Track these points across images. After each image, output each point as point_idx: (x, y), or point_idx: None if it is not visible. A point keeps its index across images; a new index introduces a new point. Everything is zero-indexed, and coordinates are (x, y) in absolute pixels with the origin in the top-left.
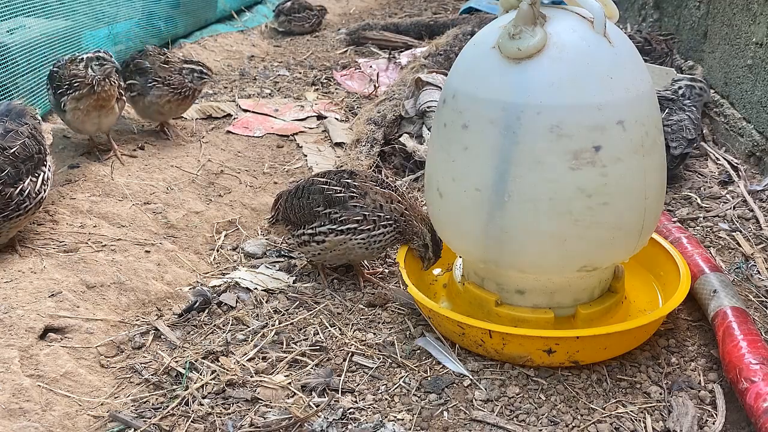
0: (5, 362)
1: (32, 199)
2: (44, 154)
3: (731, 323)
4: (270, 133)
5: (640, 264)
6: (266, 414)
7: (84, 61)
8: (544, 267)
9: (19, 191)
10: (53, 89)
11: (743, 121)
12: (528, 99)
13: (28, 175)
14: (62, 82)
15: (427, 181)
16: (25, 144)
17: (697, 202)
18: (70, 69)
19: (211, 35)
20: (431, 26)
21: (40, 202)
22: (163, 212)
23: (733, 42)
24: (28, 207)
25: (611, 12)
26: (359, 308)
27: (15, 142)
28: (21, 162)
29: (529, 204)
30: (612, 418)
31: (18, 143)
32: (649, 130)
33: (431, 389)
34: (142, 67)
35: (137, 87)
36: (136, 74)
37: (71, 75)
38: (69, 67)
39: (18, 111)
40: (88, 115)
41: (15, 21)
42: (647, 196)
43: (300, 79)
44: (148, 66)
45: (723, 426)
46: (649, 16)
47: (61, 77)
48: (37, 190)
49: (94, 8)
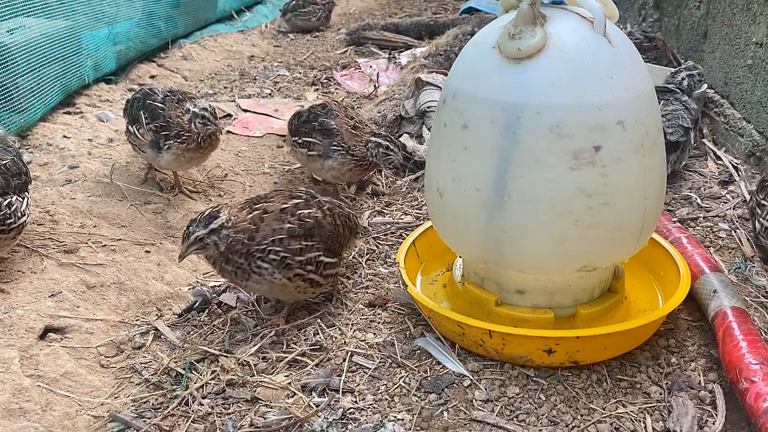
0: (5, 362)
1: (17, 218)
2: (28, 178)
3: (731, 323)
4: (270, 133)
5: (640, 264)
6: (266, 414)
7: (189, 114)
8: (544, 267)
9: (7, 203)
10: (156, 127)
11: (743, 121)
12: (528, 99)
13: (16, 191)
14: (169, 128)
15: (427, 181)
16: (14, 160)
17: (697, 202)
18: (176, 115)
19: (211, 35)
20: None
21: (21, 228)
22: (163, 212)
23: (733, 42)
24: (11, 226)
25: (611, 12)
26: (359, 308)
27: (6, 155)
28: (11, 176)
29: (529, 204)
30: (612, 418)
31: (9, 157)
32: (649, 130)
33: (431, 389)
34: (327, 128)
35: (318, 147)
36: (318, 133)
37: (177, 124)
38: (175, 112)
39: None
40: (183, 162)
41: (15, 21)
42: (647, 196)
43: (300, 79)
44: (335, 128)
45: (723, 426)
46: (649, 16)
47: (167, 121)
48: (23, 210)
49: (94, 8)
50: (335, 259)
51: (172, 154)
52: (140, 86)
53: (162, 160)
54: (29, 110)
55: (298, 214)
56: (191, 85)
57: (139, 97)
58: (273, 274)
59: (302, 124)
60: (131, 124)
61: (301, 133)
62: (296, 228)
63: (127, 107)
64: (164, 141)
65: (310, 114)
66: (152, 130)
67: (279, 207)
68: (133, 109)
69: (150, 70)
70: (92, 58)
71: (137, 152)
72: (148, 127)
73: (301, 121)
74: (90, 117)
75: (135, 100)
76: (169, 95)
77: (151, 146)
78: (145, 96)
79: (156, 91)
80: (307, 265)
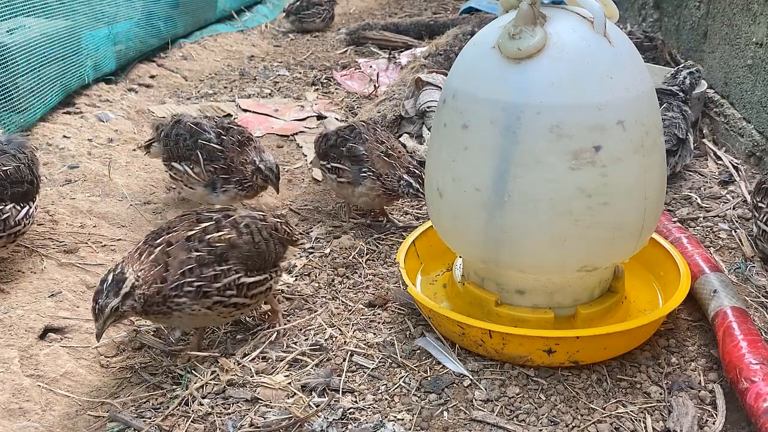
0: (5, 362)
1: (8, 227)
2: (36, 188)
3: (731, 323)
4: (270, 133)
5: (640, 264)
6: (266, 414)
7: (254, 167)
8: (544, 267)
9: None
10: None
11: (743, 121)
12: (528, 99)
13: (13, 200)
14: (230, 172)
15: (427, 181)
16: (19, 168)
17: (697, 202)
18: (239, 161)
19: (211, 35)
20: (431, 26)
21: (15, 236)
22: (163, 212)
23: (733, 42)
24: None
25: (611, 12)
26: (359, 308)
27: (11, 162)
28: (9, 183)
29: (529, 204)
30: (612, 418)
31: (12, 165)
32: (649, 130)
33: (431, 389)
34: (356, 155)
35: (347, 174)
36: (347, 159)
37: (239, 171)
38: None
39: (19, 142)
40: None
41: (15, 21)
42: (647, 196)
43: (300, 79)
44: (364, 154)
45: (723, 426)
46: (649, 16)
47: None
48: (17, 220)
49: (93, 8)
50: (263, 276)
51: (227, 196)
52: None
53: (215, 200)
54: (29, 110)
55: (206, 240)
56: (191, 85)
57: (183, 133)
58: (192, 306)
59: (330, 148)
60: (177, 161)
61: (329, 157)
62: (205, 255)
63: (165, 141)
64: (222, 184)
65: (338, 138)
66: (211, 171)
67: (185, 235)
68: (180, 146)
69: (150, 70)
70: (92, 58)
71: (179, 187)
72: (206, 168)
73: (329, 145)
74: (90, 117)
75: (179, 136)
76: (222, 133)
77: (205, 186)
78: (192, 133)
79: (205, 128)
80: (226, 291)
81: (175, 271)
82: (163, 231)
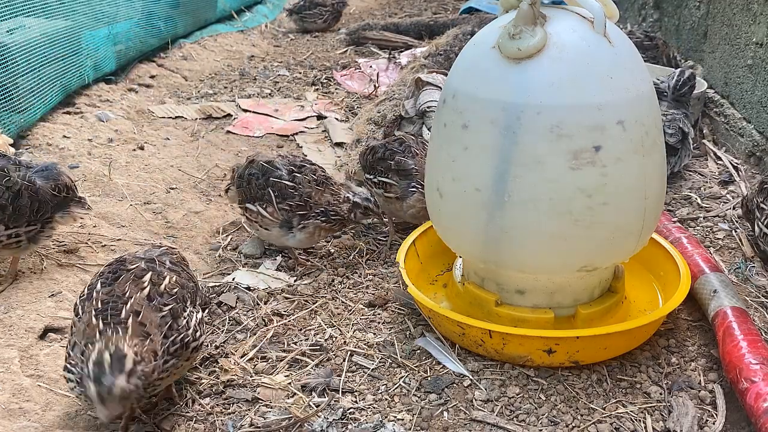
0: (5, 362)
1: None
2: None
3: (731, 323)
4: (270, 133)
5: (640, 264)
6: (266, 414)
7: (350, 204)
8: (544, 267)
9: None
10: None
11: (743, 121)
12: (528, 99)
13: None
14: (309, 207)
15: (427, 181)
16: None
17: (697, 202)
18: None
19: (211, 35)
20: (431, 26)
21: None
22: (163, 212)
23: (733, 42)
24: None
25: (611, 12)
26: (359, 308)
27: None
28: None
29: (529, 204)
30: (612, 418)
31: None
32: (649, 130)
33: (431, 389)
34: (405, 168)
35: (395, 189)
36: (395, 173)
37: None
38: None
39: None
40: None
41: (15, 21)
42: (647, 196)
43: (300, 79)
44: (413, 168)
45: (723, 426)
46: (649, 16)
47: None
48: None
49: (94, 8)
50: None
51: (306, 233)
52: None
53: (292, 241)
54: (29, 110)
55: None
56: (191, 85)
57: (255, 172)
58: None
59: (377, 161)
60: (251, 202)
61: (376, 171)
62: (176, 305)
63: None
64: (300, 221)
65: (385, 151)
66: (285, 210)
67: (143, 296)
68: (252, 186)
69: (150, 70)
70: (92, 58)
71: (255, 229)
72: (279, 206)
73: (377, 158)
74: (90, 117)
75: (251, 176)
76: (294, 170)
77: (280, 226)
78: (264, 171)
79: (277, 166)
80: (196, 333)
81: (158, 337)
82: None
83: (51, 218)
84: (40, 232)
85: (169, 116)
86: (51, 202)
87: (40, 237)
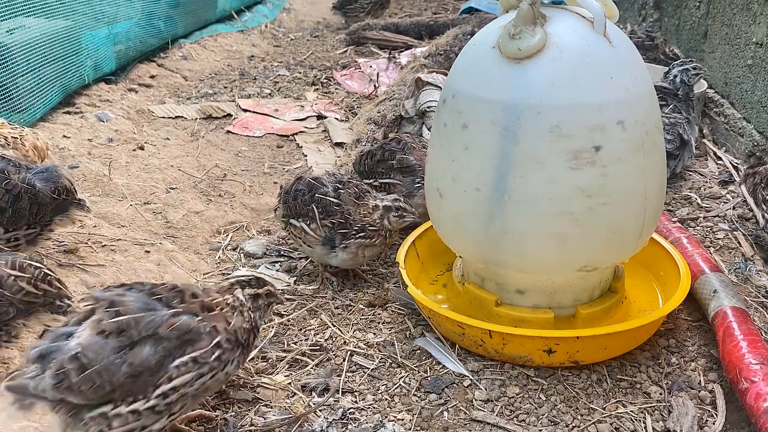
0: (5, 362)
1: None
2: None
3: (731, 323)
4: (270, 133)
5: (640, 264)
6: (266, 414)
7: (380, 210)
8: (544, 267)
9: None
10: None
11: (743, 121)
12: (528, 99)
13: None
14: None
15: (427, 181)
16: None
17: (697, 202)
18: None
19: (211, 35)
20: (431, 26)
21: None
22: (163, 212)
23: (733, 42)
24: None
25: (611, 12)
26: (359, 308)
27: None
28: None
29: (529, 204)
30: (612, 418)
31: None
32: (649, 130)
33: (431, 389)
34: (408, 165)
35: (399, 188)
36: (398, 171)
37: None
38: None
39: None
40: (359, 260)
41: (15, 21)
42: (647, 196)
43: (300, 79)
44: (416, 164)
45: (723, 426)
46: (649, 16)
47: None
48: None
49: (94, 8)
50: None
51: (349, 253)
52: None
53: (335, 260)
54: (29, 110)
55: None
56: (191, 85)
57: (302, 188)
58: None
59: (377, 164)
60: (295, 217)
61: (376, 174)
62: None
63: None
64: (342, 240)
65: (384, 152)
66: (327, 227)
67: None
68: (298, 202)
69: (150, 70)
70: (92, 58)
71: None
72: (323, 223)
73: (376, 161)
74: (90, 117)
75: (298, 192)
76: (339, 187)
77: (323, 244)
78: (310, 188)
79: (324, 183)
80: None
81: None
82: None
83: (50, 221)
84: (39, 235)
85: (169, 116)
86: (50, 205)
87: (38, 240)
